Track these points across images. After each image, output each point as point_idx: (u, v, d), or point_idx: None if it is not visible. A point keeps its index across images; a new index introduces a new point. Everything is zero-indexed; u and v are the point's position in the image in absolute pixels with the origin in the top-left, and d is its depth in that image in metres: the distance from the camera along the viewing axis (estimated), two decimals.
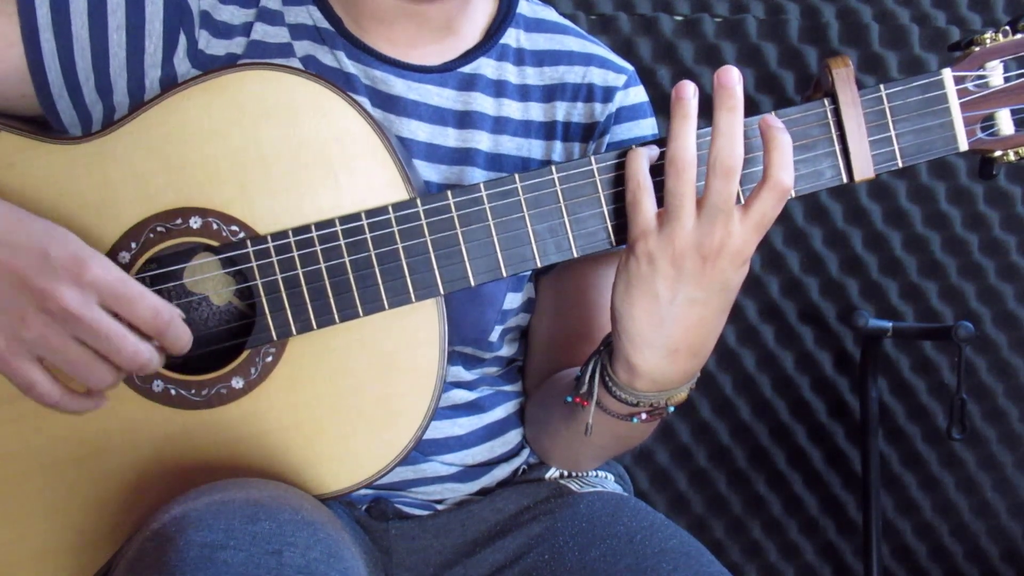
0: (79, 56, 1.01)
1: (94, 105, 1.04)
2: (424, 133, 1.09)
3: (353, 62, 1.08)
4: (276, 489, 0.90)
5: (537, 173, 0.97)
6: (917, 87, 0.97)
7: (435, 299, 0.98)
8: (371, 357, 0.98)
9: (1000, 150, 1.00)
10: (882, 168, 0.97)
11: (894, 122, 0.97)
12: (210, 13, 1.05)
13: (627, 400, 1.00)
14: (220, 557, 0.78)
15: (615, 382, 1.00)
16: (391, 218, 0.96)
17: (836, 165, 0.97)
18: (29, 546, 0.99)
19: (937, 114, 0.98)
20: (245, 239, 0.96)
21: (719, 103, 0.92)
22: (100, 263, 0.88)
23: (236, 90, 0.97)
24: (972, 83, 0.98)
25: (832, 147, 0.97)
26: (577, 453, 1.15)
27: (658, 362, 0.97)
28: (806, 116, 0.97)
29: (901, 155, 0.98)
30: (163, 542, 0.80)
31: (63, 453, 0.98)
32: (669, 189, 0.92)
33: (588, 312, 1.18)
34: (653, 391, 0.99)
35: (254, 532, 0.80)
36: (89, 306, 0.87)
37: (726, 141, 0.90)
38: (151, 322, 0.89)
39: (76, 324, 0.87)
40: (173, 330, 0.91)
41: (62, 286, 0.86)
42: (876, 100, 0.97)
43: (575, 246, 0.97)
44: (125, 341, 0.88)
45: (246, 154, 0.96)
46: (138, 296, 0.89)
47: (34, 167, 0.98)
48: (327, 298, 0.96)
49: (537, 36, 1.17)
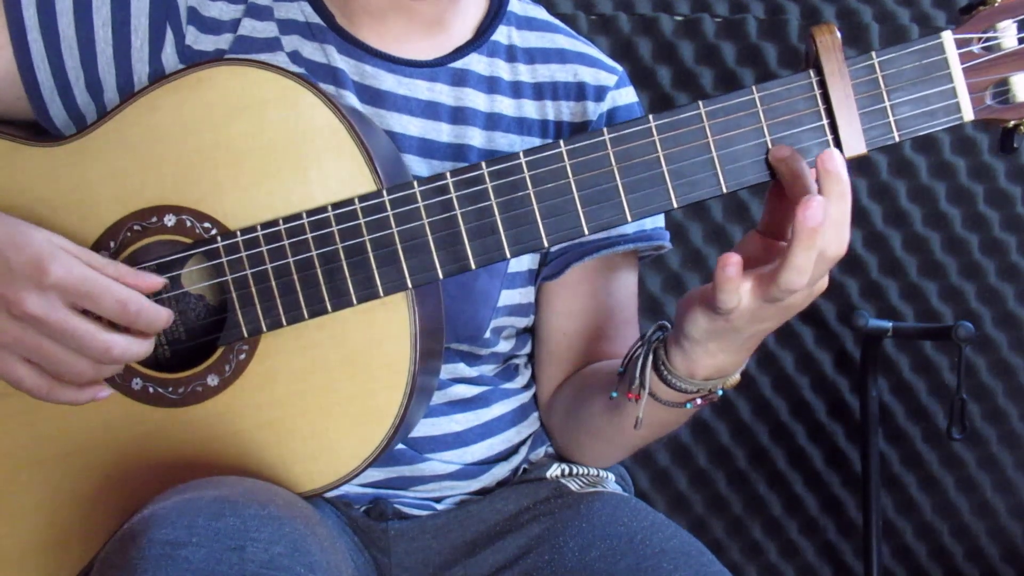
0: (67, 55, 1.02)
1: (87, 106, 1.04)
2: (416, 128, 1.10)
3: (343, 56, 1.08)
4: (249, 486, 0.91)
5: (505, 159, 0.94)
6: (913, 52, 0.90)
7: (404, 293, 0.96)
8: (342, 353, 0.97)
9: (1015, 119, 0.91)
10: (876, 143, 0.91)
11: (888, 92, 0.90)
12: (198, 9, 1.06)
13: (684, 388, 1.00)
14: (181, 554, 0.79)
15: (673, 373, 0.99)
16: (357, 210, 0.95)
17: (824, 141, 0.91)
18: (17, 542, 1.00)
19: (937, 81, 0.90)
20: (216, 235, 0.96)
21: (828, 190, 0.86)
22: (61, 263, 0.89)
23: (207, 87, 0.97)
24: (979, 46, 0.89)
25: (819, 121, 0.91)
26: (615, 446, 1.15)
27: (728, 364, 0.98)
28: (789, 89, 0.91)
29: (897, 128, 0.90)
30: (128, 541, 0.81)
31: (49, 450, 0.99)
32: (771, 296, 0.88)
33: (602, 313, 1.19)
34: (714, 378, 0.99)
35: (217, 528, 0.81)
36: (53, 308, 0.88)
37: (835, 232, 0.86)
38: (120, 313, 0.91)
39: (43, 327, 0.89)
40: (144, 317, 0.92)
41: (23, 292, 0.88)
42: (867, 69, 0.90)
43: (545, 237, 0.94)
44: (93, 338, 0.90)
45: (217, 150, 0.97)
46: (102, 291, 0.90)
47: (15, 170, 0.99)
48: (296, 293, 0.95)
49: (528, 34, 1.17)
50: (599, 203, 0.94)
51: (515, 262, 1.12)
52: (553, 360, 1.21)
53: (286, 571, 0.79)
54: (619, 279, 1.21)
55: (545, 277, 1.17)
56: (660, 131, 0.93)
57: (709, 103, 0.92)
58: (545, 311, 1.19)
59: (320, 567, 0.82)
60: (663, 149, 0.93)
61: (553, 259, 1.17)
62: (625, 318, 1.22)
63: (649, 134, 0.93)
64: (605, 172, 0.93)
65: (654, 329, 1.02)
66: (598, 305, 1.19)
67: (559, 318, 1.19)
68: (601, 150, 0.93)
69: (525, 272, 1.15)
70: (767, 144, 0.92)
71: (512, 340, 1.19)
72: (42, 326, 0.89)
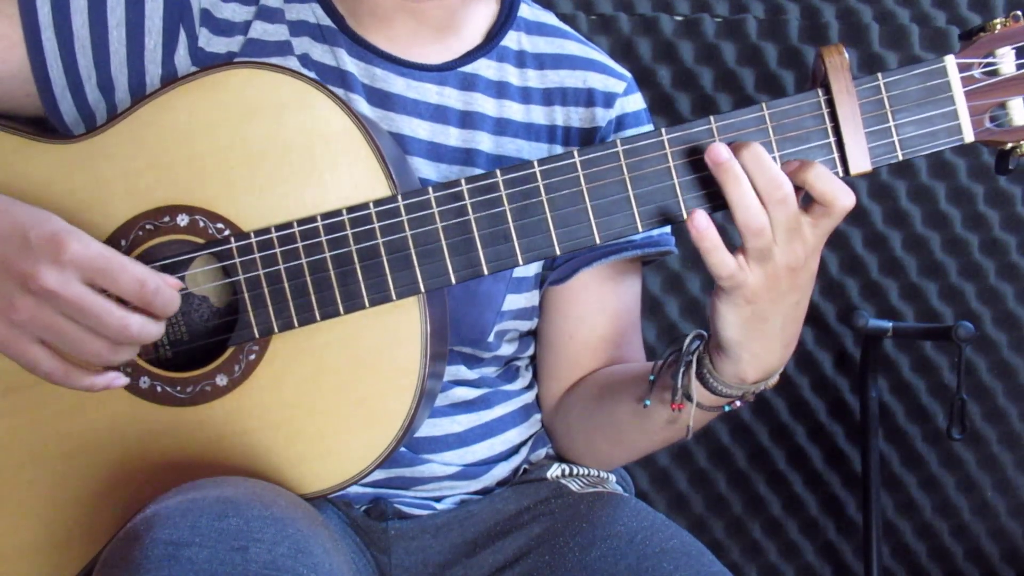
0: (80, 54, 1.02)
1: (97, 104, 1.04)
2: (425, 131, 1.10)
3: (353, 59, 1.08)
4: (252, 486, 0.91)
5: (519, 167, 0.95)
6: (918, 75, 0.94)
7: (417, 297, 0.97)
8: (353, 356, 0.98)
9: (1012, 142, 0.95)
10: (880, 161, 0.94)
11: (893, 112, 0.94)
12: (211, 11, 1.06)
13: (731, 394, 1.02)
14: (184, 554, 0.79)
15: (721, 380, 1.01)
16: (372, 214, 0.95)
17: (831, 158, 0.94)
18: (18, 540, 1.00)
19: (939, 103, 0.93)
20: (229, 236, 0.97)
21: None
22: (79, 239, 0.88)
23: (223, 88, 0.97)
24: (979, 71, 0.93)
25: (827, 139, 0.94)
26: (635, 451, 1.17)
27: (774, 361, 1.00)
28: (799, 107, 0.94)
29: (901, 147, 0.94)
30: (131, 541, 0.81)
31: (54, 448, 0.99)
32: (751, 248, 0.92)
33: (612, 315, 1.19)
34: (762, 380, 1.01)
35: (220, 529, 0.81)
36: (70, 283, 0.87)
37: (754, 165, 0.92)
38: (137, 292, 0.90)
39: (59, 302, 0.88)
40: (161, 297, 0.91)
41: (40, 266, 0.87)
42: (874, 90, 0.94)
43: (558, 245, 0.96)
44: (110, 315, 0.89)
45: (232, 152, 0.97)
46: (120, 268, 0.89)
47: (29, 166, 0.99)
48: (308, 295, 0.96)
49: (538, 39, 1.18)
50: (611, 213, 0.95)
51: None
52: (560, 364, 1.21)
53: (289, 572, 0.80)
54: (625, 284, 1.21)
55: (552, 281, 1.18)
56: (672, 144, 0.95)
57: (720, 118, 0.95)
58: (552, 315, 1.20)
59: (323, 568, 0.83)
60: (674, 161, 0.95)
61: (560, 264, 1.17)
62: (631, 321, 1.22)
63: (661, 147, 0.95)
64: (617, 182, 0.95)
65: (692, 337, 1.04)
66: (605, 309, 1.19)
67: (566, 322, 1.19)
68: (614, 161, 0.95)
69: (532, 277, 1.15)
70: (776, 160, 0.94)
71: (515, 343, 1.19)
72: (58, 302, 0.87)
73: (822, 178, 0.91)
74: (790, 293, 0.95)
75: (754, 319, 0.96)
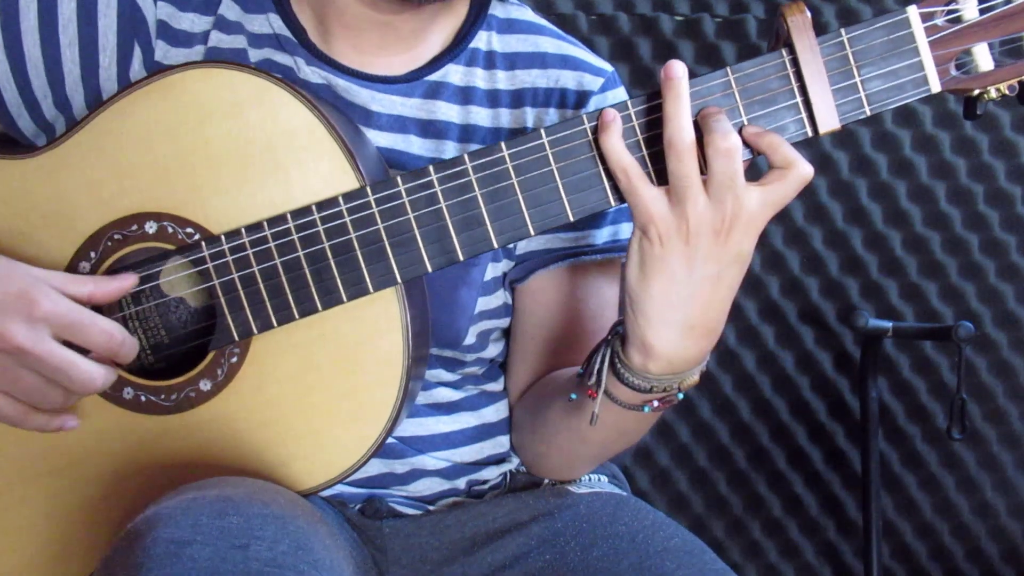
0: (33, 75, 1.02)
1: (56, 119, 1.04)
2: (385, 141, 1.08)
3: (312, 69, 1.07)
4: (252, 486, 0.91)
5: (487, 151, 0.94)
6: (881, 28, 0.92)
7: (394, 289, 0.95)
8: (335, 351, 0.97)
9: (979, 88, 0.93)
10: (848, 117, 0.93)
11: (858, 67, 0.92)
12: (168, 22, 1.05)
13: (640, 386, 0.98)
14: (187, 552, 0.79)
15: (628, 367, 0.98)
16: (342, 209, 0.94)
17: (799, 118, 0.93)
18: (17, 559, 1.00)
19: (904, 55, 0.92)
20: (200, 240, 0.95)
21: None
22: (48, 296, 0.89)
23: (180, 90, 0.95)
24: (942, 19, 0.92)
25: (793, 99, 0.93)
26: (575, 455, 1.13)
27: (675, 341, 0.95)
28: (763, 69, 0.92)
29: (868, 102, 0.92)
30: (132, 540, 0.81)
31: (42, 465, 0.99)
32: (673, 172, 0.90)
33: (573, 319, 1.16)
34: (668, 373, 0.97)
35: (221, 527, 0.81)
36: (42, 340, 0.89)
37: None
38: (106, 345, 0.91)
39: (29, 358, 0.89)
40: (126, 347, 0.93)
41: (13, 325, 0.88)
42: (838, 46, 0.92)
43: (531, 225, 0.95)
44: (78, 370, 0.90)
45: (195, 154, 0.95)
46: (89, 323, 0.91)
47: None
48: (285, 294, 0.95)
49: (509, 38, 1.13)
50: (582, 190, 0.94)
51: (490, 269, 1.11)
52: (521, 361, 1.19)
53: (290, 569, 0.80)
54: (591, 287, 1.18)
55: (513, 280, 1.15)
56: (638, 116, 0.94)
57: None
58: (516, 313, 1.18)
59: (323, 564, 0.83)
60: (641, 134, 0.94)
61: (519, 263, 1.15)
62: (598, 327, 1.16)
63: (629, 119, 0.94)
64: (588, 158, 0.94)
65: (615, 324, 1.01)
66: (567, 313, 1.16)
67: (527, 321, 1.17)
68: (582, 137, 0.94)
69: (500, 276, 1.14)
70: (743, 123, 0.93)
71: (500, 343, 1.18)
72: (26, 357, 0.89)
73: (785, 144, 0.91)
74: (708, 262, 0.92)
75: (658, 267, 0.93)
